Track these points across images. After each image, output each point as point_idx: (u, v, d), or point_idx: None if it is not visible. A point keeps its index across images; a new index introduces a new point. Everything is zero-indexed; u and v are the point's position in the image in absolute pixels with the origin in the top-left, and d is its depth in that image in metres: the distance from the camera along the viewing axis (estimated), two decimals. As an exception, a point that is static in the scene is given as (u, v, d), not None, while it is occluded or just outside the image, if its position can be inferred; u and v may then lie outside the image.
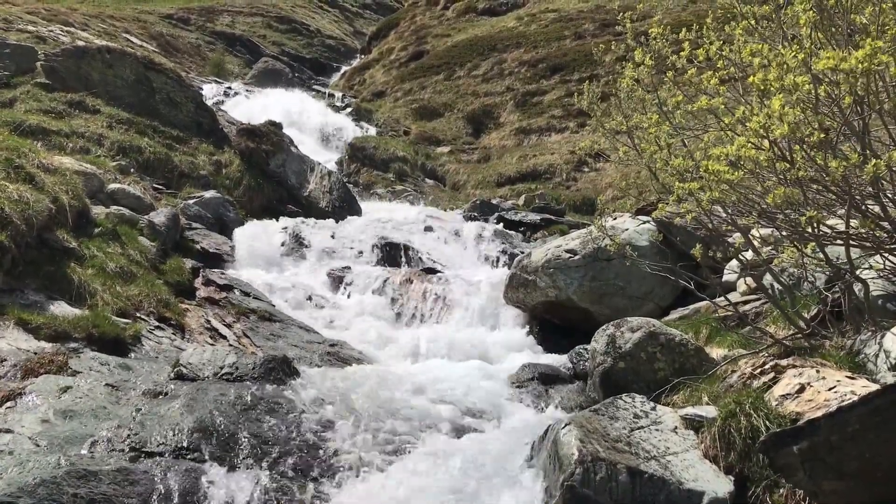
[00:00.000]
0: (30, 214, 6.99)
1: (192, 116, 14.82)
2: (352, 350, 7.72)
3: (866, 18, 4.15)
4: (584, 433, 4.43)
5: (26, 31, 17.93)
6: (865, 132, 4.19)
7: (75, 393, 5.09)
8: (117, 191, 10.03)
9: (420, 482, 4.74)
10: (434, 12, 32.47)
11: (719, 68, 4.97)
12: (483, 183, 17.56)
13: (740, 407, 4.42)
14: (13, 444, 4.45)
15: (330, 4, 42.15)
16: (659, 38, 5.30)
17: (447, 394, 5.97)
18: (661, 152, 5.33)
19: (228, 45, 31.91)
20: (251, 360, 5.94)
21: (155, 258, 8.67)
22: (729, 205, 5.03)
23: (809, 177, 4.27)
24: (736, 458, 4.28)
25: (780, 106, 3.77)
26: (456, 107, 22.58)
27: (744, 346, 5.61)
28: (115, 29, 25.80)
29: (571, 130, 19.28)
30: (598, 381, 5.91)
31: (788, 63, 3.85)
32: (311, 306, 9.12)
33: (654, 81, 5.49)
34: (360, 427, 5.25)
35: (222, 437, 4.85)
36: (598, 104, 6.09)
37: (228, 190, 13.20)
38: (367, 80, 28.39)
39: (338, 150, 19.69)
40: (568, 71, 22.01)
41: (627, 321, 5.97)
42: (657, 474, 4.17)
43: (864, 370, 4.60)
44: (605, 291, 8.14)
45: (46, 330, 6.13)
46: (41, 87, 13.67)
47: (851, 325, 5.02)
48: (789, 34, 4.59)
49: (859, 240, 4.72)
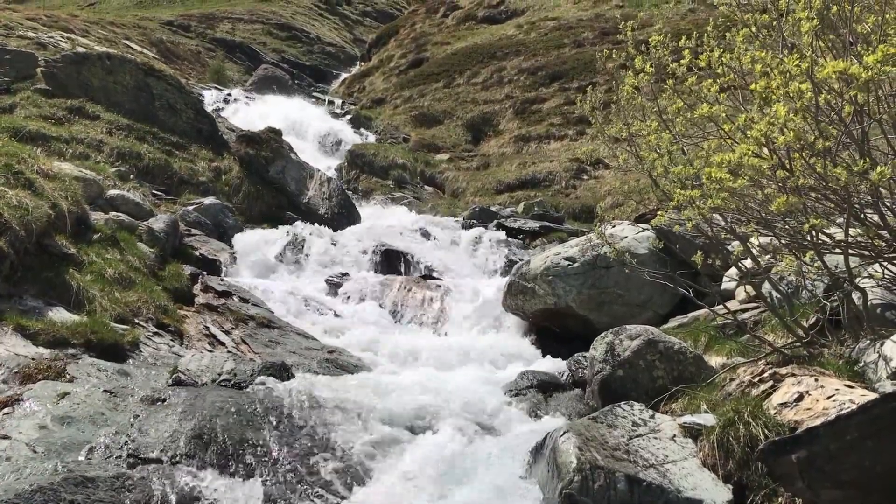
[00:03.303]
0: (29, 220, 6.98)
1: (191, 123, 14.85)
2: (350, 357, 7.71)
3: (868, 27, 4.16)
4: (583, 441, 4.42)
5: (27, 38, 17.95)
6: (865, 141, 4.20)
7: (73, 399, 5.07)
8: (116, 197, 10.03)
9: (417, 491, 4.73)
10: (434, 20, 32.53)
11: (719, 75, 4.97)
12: (482, 190, 17.56)
13: (739, 415, 4.41)
14: (10, 451, 4.43)
15: (330, 12, 42.25)
16: (659, 46, 5.30)
17: (445, 401, 5.95)
18: (662, 159, 5.33)
19: (228, 51, 31.95)
20: (250, 366, 5.94)
21: (154, 264, 8.67)
22: (728, 213, 5.03)
23: (809, 185, 4.27)
24: (734, 466, 4.27)
25: (785, 113, 3.77)
26: (455, 114, 22.61)
27: (742, 354, 5.61)
28: (115, 35, 25.84)
29: (570, 138, 19.29)
30: (596, 388, 5.90)
31: (791, 71, 3.85)
32: (309, 313, 9.11)
33: (654, 89, 5.50)
34: (357, 435, 5.24)
35: (220, 443, 4.83)
36: (600, 110, 6.09)
37: (228, 196, 13.23)
38: (366, 87, 28.42)
39: (337, 156, 19.70)
40: (567, 79, 22.05)
41: (626, 329, 5.96)
42: (656, 482, 4.16)
43: (863, 379, 4.59)
44: (603, 299, 8.13)
45: (45, 336, 6.12)
46: (41, 93, 13.70)
47: (850, 334, 5.02)
48: (789, 43, 4.60)
49: (858, 248, 4.72)
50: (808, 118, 3.98)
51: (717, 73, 4.98)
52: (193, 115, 15.04)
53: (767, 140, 3.98)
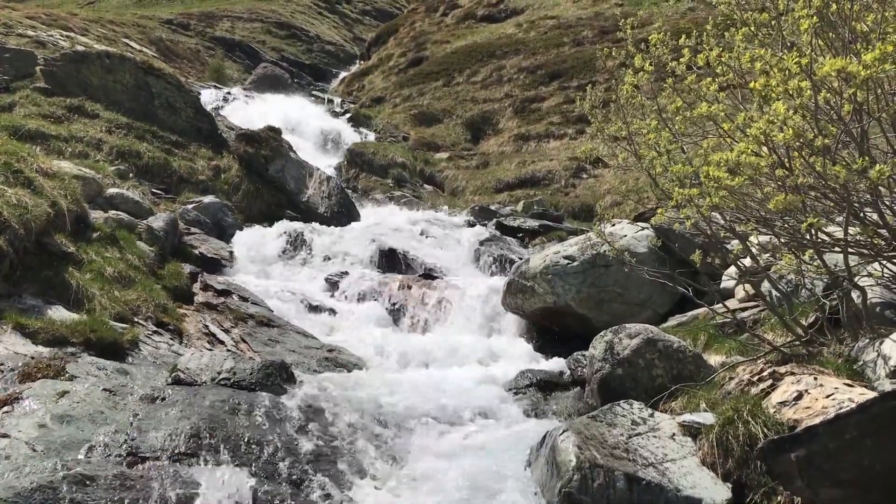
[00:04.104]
0: (28, 219, 6.98)
1: (191, 121, 14.84)
2: (349, 355, 7.71)
3: (868, 26, 4.16)
4: (582, 440, 4.43)
5: (26, 36, 17.93)
6: (864, 140, 4.20)
7: (73, 398, 5.07)
8: (116, 195, 10.03)
9: (416, 489, 4.73)
10: (433, 19, 32.52)
11: (719, 74, 4.97)
12: (482, 189, 17.57)
13: (738, 414, 4.41)
14: (10, 449, 4.43)
15: (329, 10, 42.24)
16: (659, 45, 5.30)
17: (444, 400, 5.95)
18: (661, 158, 5.33)
19: (228, 50, 31.95)
20: (249, 365, 5.93)
21: (153, 263, 8.67)
22: (728, 211, 5.03)
23: (808, 184, 4.27)
24: (734, 465, 4.27)
25: (784, 110, 3.77)
26: (455, 113, 22.61)
27: (742, 352, 5.61)
28: (114, 34, 25.82)
29: (570, 137, 19.30)
30: (596, 387, 5.90)
31: (791, 69, 3.85)
32: (308, 311, 9.12)
33: (654, 88, 5.50)
34: (356, 433, 5.25)
35: (220, 442, 4.83)
36: (599, 109, 6.09)
37: (227, 195, 13.23)
38: (366, 85, 28.42)
39: (337, 155, 19.69)
40: (566, 78, 22.05)
41: (625, 328, 5.96)
42: (655, 481, 4.16)
43: (862, 377, 4.60)
44: (603, 298, 8.14)
45: (44, 334, 6.11)
46: (40, 91, 13.70)
47: (849, 333, 5.02)
48: (788, 41, 4.60)
49: (857, 247, 4.72)
50: (807, 116, 3.98)
51: (717, 73, 4.98)
52: (193, 113, 15.03)
53: (767, 138, 3.98)
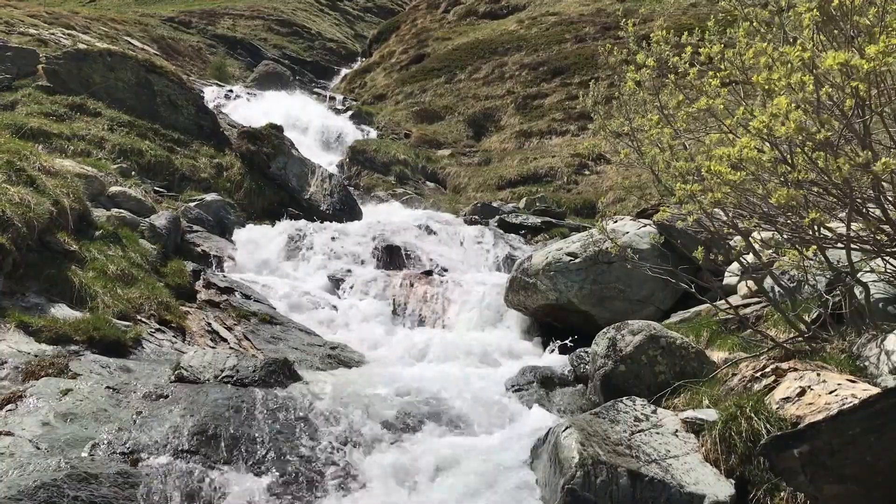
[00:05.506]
0: (31, 217, 6.98)
1: (193, 119, 14.84)
2: (352, 353, 7.72)
3: (870, 20, 4.14)
4: (585, 436, 4.43)
5: (28, 35, 17.94)
6: (867, 134, 4.19)
7: (76, 396, 5.08)
8: (118, 194, 10.03)
9: (419, 485, 4.74)
10: (435, 15, 32.49)
11: (721, 70, 4.96)
12: (484, 186, 17.57)
13: (741, 410, 4.41)
14: (14, 447, 4.44)
15: (331, 8, 42.20)
16: (661, 41, 5.30)
17: (447, 397, 5.96)
18: (664, 154, 5.32)
19: (229, 48, 31.93)
20: (252, 362, 5.94)
21: (156, 261, 8.67)
22: (730, 207, 5.02)
23: (810, 179, 4.27)
24: (737, 461, 4.27)
25: (786, 104, 3.77)
26: (457, 110, 22.60)
27: (744, 349, 5.60)
28: (116, 32, 25.82)
29: (572, 133, 19.29)
30: (598, 384, 5.90)
31: (793, 62, 3.84)
32: (311, 309, 9.12)
33: (656, 84, 5.49)
34: (360, 431, 5.25)
35: (223, 439, 4.84)
36: (601, 105, 6.09)
37: (229, 193, 13.23)
38: (367, 83, 28.39)
39: (338, 152, 19.69)
40: (569, 74, 22.04)
41: (628, 324, 5.96)
42: (658, 477, 4.16)
43: (865, 373, 4.59)
44: (605, 294, 8.13)
45: (47, 333, 6.12)
46: (42, 90, 13.69)
47: (852, 329, 5.01)
48: (791, 37, 4.59)
49: (860, 243, 4.71)
50: (809, 111, 3.98)
51: (719, 68, 4.97)
52: (195, 111, 15.03)
53: (769, 133, 3.97)
